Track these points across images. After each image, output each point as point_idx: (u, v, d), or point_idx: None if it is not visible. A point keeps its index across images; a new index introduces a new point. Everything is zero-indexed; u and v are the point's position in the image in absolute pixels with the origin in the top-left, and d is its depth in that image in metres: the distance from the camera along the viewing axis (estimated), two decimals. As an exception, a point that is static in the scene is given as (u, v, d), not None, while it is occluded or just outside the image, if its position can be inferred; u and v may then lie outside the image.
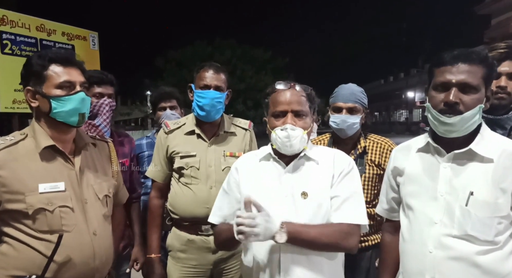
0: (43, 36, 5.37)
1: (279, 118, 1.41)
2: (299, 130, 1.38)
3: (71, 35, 5.81)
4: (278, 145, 1.40)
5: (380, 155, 2.01)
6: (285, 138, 1.37)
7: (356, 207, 1.40)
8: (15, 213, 1.31)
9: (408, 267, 1.37)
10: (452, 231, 1.25)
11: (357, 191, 1.43)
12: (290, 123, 1.37)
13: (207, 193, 1.88)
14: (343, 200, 1.39)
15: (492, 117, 1.62)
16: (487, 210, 1.21)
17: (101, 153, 1.60)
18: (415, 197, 1.37)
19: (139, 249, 2.05)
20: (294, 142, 1.37)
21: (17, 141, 1.36)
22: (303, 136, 1.39)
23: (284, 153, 1.42)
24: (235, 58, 26.19)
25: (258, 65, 26.59)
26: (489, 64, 1.25)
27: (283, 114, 1.40)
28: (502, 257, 1.21)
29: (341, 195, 1.39)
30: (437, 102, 1.25)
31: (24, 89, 1.38)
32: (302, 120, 1.41)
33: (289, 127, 1.37)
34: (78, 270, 1.37)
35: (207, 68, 1.92)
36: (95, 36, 6.18)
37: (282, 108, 1.40)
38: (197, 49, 26.27)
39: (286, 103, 1.40)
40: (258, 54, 27.29)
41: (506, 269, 1.21)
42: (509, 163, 1.22)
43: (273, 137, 1.41)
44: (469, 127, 1.24)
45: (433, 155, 1.34)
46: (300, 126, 1.39)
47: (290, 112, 1.40)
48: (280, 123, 1.40)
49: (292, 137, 1.36)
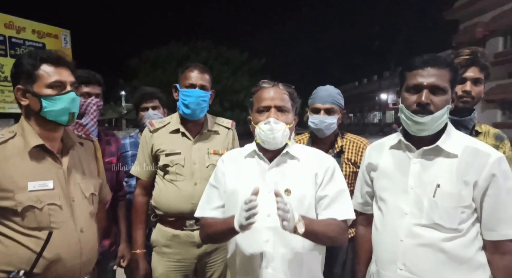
0: (12, 33, 5.21)
1: (263, 113, 1.49)
2: (282, 124, 1.46)
3: (42, 33, 5.61)
4: (262, 138, 1.47)
5: (356, 153, 2.12)
6: (268, 131, 1.44)
7: (346, 204, 1.49)
8: (4, 210, 1.33)
9: (381, 256, 1.48)
10: (421, 221, 1.36)
11: (344, 188, 1.52)
12: (273, 117, 1.46)
13: (192, 189, 1.93)
14: (333, 198, 1.47)
15: (458, 118, 1.76)
16: (452, 201, 1.33)
17: (87, 152, 1.63)
18: (387, 190, 1.48)
19: (125, 246, 2.08)
20: (277, 135, 1.44)
21: (7, 140, 1.38)
22: (285, 130, 1.47)
23: (267, 147, 1.49)
24: (211, 59, 26.09)
25: (234, 66, 26.56)
26: (455, 68, 1.38)
27: (266, 109, 1.48)
28: (465, 243, 1.33)
29: (330, 194, 1.48)
30: (410, 103, 1.36)
31: (14, 88, 1.40)
32: (284, 115, 1.49)
33: (272, 121, 1.45)
34: (66, 266, 1.40)
35: (192, 68, 1.99)
36: (67, 34, 6.01)
37: (265, 103, 1.49)
38: (173, 50, 26.02)
39: (269, 99, 1.49)
40: (235, 56, 27.28)
41: (469, 254, 1.33)
42: (471, 158, 1.34)
43: (257, 132, 1.48)
44: (438, 126, 1.36)
45: (404, 151, 1.46)
46: (283, 121, 1.47)
47: (273, 107, 1.48)
48: (264, 117, 1.48)
49: (275, 130, 1.44)
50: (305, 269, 1.47)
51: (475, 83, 1.81)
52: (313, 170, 1.51)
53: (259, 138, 1.49)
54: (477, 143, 1.40)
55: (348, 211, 1.49)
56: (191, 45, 26.49)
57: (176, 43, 26.39)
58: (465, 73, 1.79)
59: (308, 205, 1.47)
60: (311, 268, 1.50)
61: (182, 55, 25.68)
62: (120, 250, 2.08)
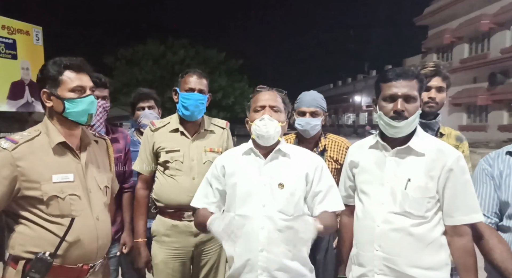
0: (-20, 29, 5.06)
1: (259, 111, 1.72)
2: (275, 121, 1.68)
3: (12, 29, 5.36)
4: (257, 133, 1.68)
5: (338, 152, 2.37)
6: (263, 126, 1.66)
7: (336, 197, 1.74)
8: (32, 199, 1.50)
9: (360, 239, 1.72)
10: (394, 209, 1.60)
11: (333, 183, 1.76)
12: (267, 114, 1.68)
13: (190, 183, 2.12)
14: (326, 193, 1.71)
15: (425, 121, 2.04)
16: (420, 192, 1.58)
17: (101, 149, 1.81)
18: (367, 184, 1.72)
19: (127, 234, 2.25)
20: (270, 129, 1.66)
21: (33, 137, 1.55)
22: (277, 127, 1.69)
23: (261, 142, 1.70)
24: (189, 59, 26.03)
25: (212, 66, 26.58)
26: (421, 79, 1.64)
27: (262, 108, 1.71)
28: (430, 228, 1.58)
29: (324, 189, 1.72)
30: (387, 111, 1.60)
31: (41, 91, 1.57)
32: (277, 114, 1.72)
33: (266, 117, 1.67)
34: (85, 249, 1.58)
35: (192, 74, 2.19)
36: (39, 31, 5.79)
37: (261, 103, 1.72)
38: (150, 48, 25.78)
39: (264, 100, 1.72)
40: (212, 55, 27.29)
41: (433, 237, 1.58)
42: (435, 156, 1.60)
43: (253, 128, 1.70)
44: (410, 129, 1.62)
45: (381, 151, 1.70)
46: (276, 119, 1.69)
47: (268, 106, 1.71)
48: (259, 115, 1.70)
49: (269, 126, 1.66)
50: (296, 253, 1.67)
51: (438, 90, 2.11)
52: (303, 167, 1.73)
53: (255, 133, 1.70)
54: (441, 143, 1.66)
55: (339, 203, 1.74)
56: (168, 43, 26.33)
57: (152, 41, 26.13)
58: (430, 82, 2.08)
59: (298, 198, 1.69)
60: (301, 253, 1.70)
61: (159, 54, 25.51)
62: (123, 238, 2.25)
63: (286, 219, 1.62)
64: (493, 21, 19.71)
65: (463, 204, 1.56)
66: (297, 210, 1.67)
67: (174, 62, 25.24)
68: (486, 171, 1.69)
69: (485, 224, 1.61)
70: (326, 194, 1.71)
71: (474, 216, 1.55)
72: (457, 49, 23.21)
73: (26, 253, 1.50)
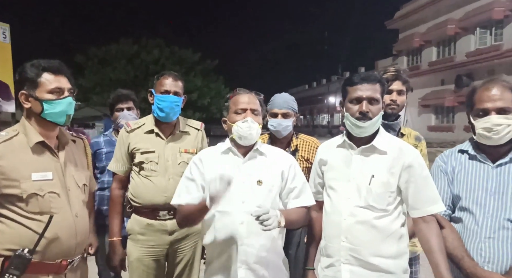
0: None
1: (240, 114, 1.79)
2: (257, 123, 1.78)
3: None
4: (240, 134, 1.76)
5: (309, 151, 2.48)
6: (247, 128, 1.75)
7: (308, 193, 1.86)
8: (11, 197, 1.54)
9: (329, 232, 1.83)
10: (359, 203, 1.72)
11: (305, 180, 1.88)
12: (250, 117, 1.77)
13: (165, 183, 2.17)
14: (300, 189, 1.83)
15: (387, 122, 2.18)
16: (382, 187, 1.70)
17: (78, 148, 1.85)
18: (335, 180, 1.83)
19: (92, 235, 2.25)
20: (253, 131, 1.76)
21: (12, 137, 1.59)
22: (258, 129, 1.79)
23: (243, 143, 1.79)
24: (163, 58, 25.76)
25: (187, 66, 26.40)
26: (383, 83, 1.77)
27: (243, 111, 1.79)
28: (391, 220, 1.71)
29: (298, 186, 1.83)
30: (353, 112, 1.72)
31: (19, 93, 1.60)
32: (257, 117, 1.82)
33: (250, 120, 1.76)
34: (64, 245, 1.62)
35: (167, 76, 2.24)
36: (6, 29, 5.64)
37: (243, 106, 1.80)
38: (123, 47, 25.34)
39: (246, 102, 1.81)
40: (187, 55, 27.12)
41: (393, 228, 1.71)
42: (397, 154, 1.73)
43: (235, 129, 1.77)
44: (374, 129, 1.74)
45: (347, 149, 1.81)
46: (256, 121, 1.79)
47: (249, 109, 1.80)
48: (241, 117, 1.78)
49: (252, 128, 1.75)
50: (273, 246, 1.78)
51: (399, 93, 2.26)
52: (279, 165, 1.83)
53: (237, 134, 1.77)
54: (401, 143, 1.80)
55: (310, 198, 1.86)
56: (141, 43, 25.96)
57: (125, 40, 25.71)
58: (391, 86, 2.23)
59: (275, 194, 1.80)
60: (277, 246, 1.82)
61: (132, 53, 25.12)
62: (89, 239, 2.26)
63: None
64: (459, 26, 20.56)
65: (426, 197, 1.69)
66: (274, 205, 1.77)
67: (148, 62, 24.93)
68: (441, 167, 1.84)
69: (440, 215, 1.75)
70: (300, 190, 1.83)
71: (437, 206, 1.69)
72: (426, 52, 24.03)
73: (5, 251, 1.53)
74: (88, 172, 1.86)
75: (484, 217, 1.66)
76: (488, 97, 1.66)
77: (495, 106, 1.64)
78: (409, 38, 24.72)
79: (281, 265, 1.84)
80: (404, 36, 25.93)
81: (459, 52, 21.11)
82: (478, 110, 1.70)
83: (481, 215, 1.67)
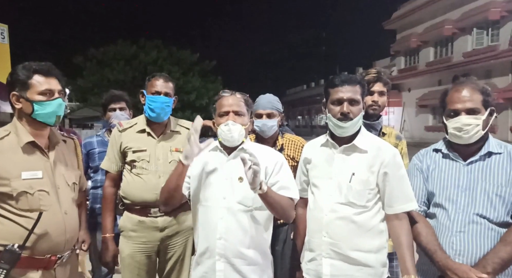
0: None
1: (223, 116, 1.85)
2: (239, 125, 1.82)
3: None
4: (222, 137, 1.83)
5: (294, 150, 2.55)
6: (227, 131, 1.80)
7: (294, 187, 1.88)
8: (2, 195, 1.60)
9: (311, 228, 1.90)
10: (340, 200, 1.79)
11: (291, 176, 1.91)
12: (231, 120, 1.81)
13: (156, 181, 2.24)
14: (283, 183, 1.84)
15: (369, 122, 2.26)
16: (362, 185, 1.77)
17: (69, 148, 1.92)
18: (318, 178, 1.90)
19: (85, 232, 2.30)
20: (234, 134, 1.80)
21: (3, 137, 1.65)
22: (241, 130, 1.83)
23: (226, 144, 1.85)
24: (161, 59, 25.83)
25: (185, 67, 26.47)
26: (363, 85, 1.85)
27: (226, 114, 1.84)
28: (370, 216, 1.78)
29: (280, 179, 1.84)
30: (335, 113, 1.80)
31: (10, 94, 1.66)
32: (241, 118, 1.85)
33: (230, 123, 1.80)
34: (53, 241, 1.69)
35: (158, 77, 2.31)
36: (4, 29, 5.79)
37: (225, 109, 1.85)
38: (121, 48, 25.40)
39: (228, 105, 1.85)
40: (185, 56, 27.18)
41: (372, 224, 1.79)
42: (376, 153, 1.80)
43: (219, 132, 1.84)
44: (355, 129, 1.81)
45: (330, 148, 1.89)
46: (239, 123, 1.83)
47: (231, 112, 1.84)
48: (224, 120, 1.83)
49: (233, 131, 1.80)
50: (254, 243, 1.83)
51: (380, 94, 2.34)
52: (263, 162, 1.84)
53: (220, 137, 1.84)
54: (381, 142, 1.87)
55: (295, 192, 1.88)
56: (140, 44, 26.02)
57: (124, 41, 25.78)
58: (372, 87, 2.30)
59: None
60: (260, 243, 1.86)
61: (130, 54, 25.19)
62: (81, 236, 2.32)
63: (245, 210, 1.79)
64: (456, 27, 20.69)
65: (400, 195, 1.76)
66: (255, 202, 1.80)
67: (146, 63, 24.99)
68: (417, 166, 1.92)
69: (416, 212, 1.83)
70: (284, 184, 1.84)
71: (410, 204, 1.77)
72: (423, 53, 24.14)
73: None
74: (78, 171, 1.92)
75: (456, 212, 1.73)
76: (459, 98, 1.74)
77: (465, 107, 1.71)
78: (407, 38, 24.84)
79: (263, 262, 1.88)
80: (402, 37, 26.04)
81: (456, 53, 21.23)
82: (450, 110, 1.77)
83: (453, 210, 1.74)
